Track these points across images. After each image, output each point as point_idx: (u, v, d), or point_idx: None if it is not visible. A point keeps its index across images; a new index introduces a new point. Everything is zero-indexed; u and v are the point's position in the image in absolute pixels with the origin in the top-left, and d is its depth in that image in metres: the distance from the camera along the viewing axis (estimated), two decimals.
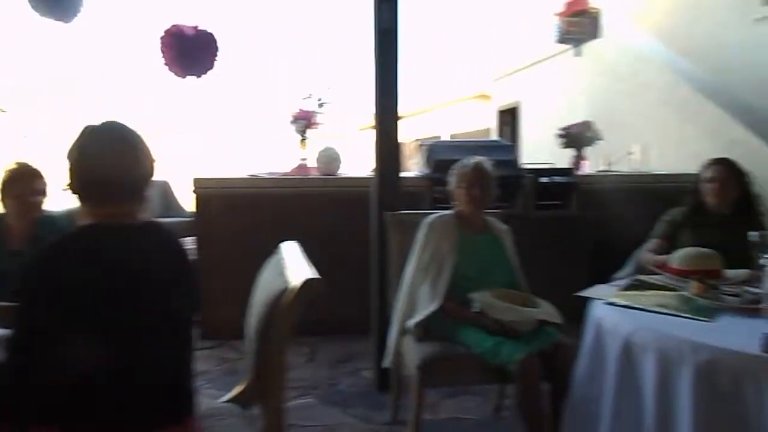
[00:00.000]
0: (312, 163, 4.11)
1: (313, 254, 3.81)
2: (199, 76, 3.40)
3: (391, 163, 2.79)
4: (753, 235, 2.00)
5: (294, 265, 1.37)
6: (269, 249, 3.79)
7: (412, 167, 4.30)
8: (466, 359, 2.03)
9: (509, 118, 9.48)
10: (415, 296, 2.27)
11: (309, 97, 3.99)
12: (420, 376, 2.00)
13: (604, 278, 3.16)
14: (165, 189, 4.53)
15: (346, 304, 3.57)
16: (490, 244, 2.36)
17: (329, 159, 4.01)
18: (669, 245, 2.54)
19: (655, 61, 5.09)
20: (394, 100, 2.82)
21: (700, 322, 1.60)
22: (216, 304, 3.69)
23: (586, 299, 1.92)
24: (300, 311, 1.36)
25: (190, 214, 3.95)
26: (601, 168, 4.70)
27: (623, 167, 4.85)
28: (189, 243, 4.31)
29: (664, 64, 4.97)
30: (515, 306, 2.02)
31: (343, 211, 3.65)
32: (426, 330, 2.20)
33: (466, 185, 2.32)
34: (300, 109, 4.03)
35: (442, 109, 15.24)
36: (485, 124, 11.19)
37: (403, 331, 2.26)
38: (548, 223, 4.00)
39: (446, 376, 2.05)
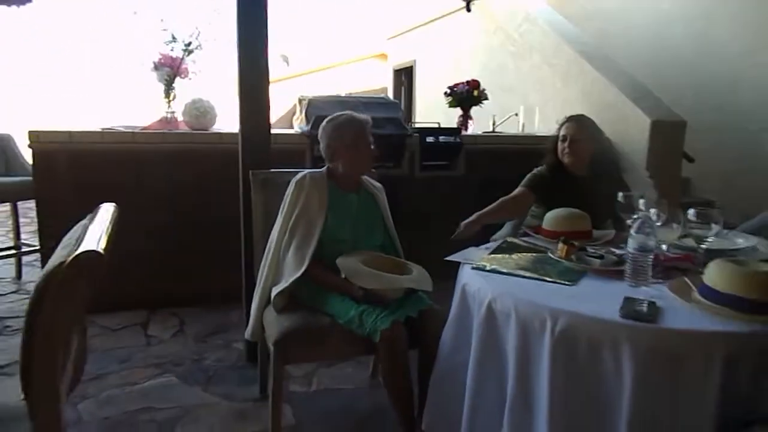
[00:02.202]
0: (182, 116, 3.69)
1: (177, 219, 3.51)
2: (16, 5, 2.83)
3: (258, 117, 2.50)
4: (620, 196, 1.98)
5: (91, 233, 1.09)
6: (126, 213, 3.41)
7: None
8: (330, 331, 1.86)
9: (405, 77, 9.35)
10: (281, 262, 2.05)
11: (173, 41, 3.54)
12: (277, 353, 1.80)
13: (489, 235, 3.14)
14: (7, 143, 3.89)
15: (218, 272, 3.30)
16: (364, 205, 2.18)
17: (199, 112, 3.61)
18: (535, 197, 2.51)
19: (541, 22, 5.11)
20: (260, 50, 2.51)
21: (561, 286, 1.54)
22: None
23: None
24: (88, 291, 1.08)
25: None
26: (488, 129, 4.69)
27: (509, 128, 4.89)
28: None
29: (550, 27, 5.00)
30: (381, 272, 1.86)
31: (214, 170, 3.32)
32: (292, 299, 2.00)
33: (359, 147, 2.08)
34: (163, 55, 3.57)
35: (341, 68, 14.91)
36: (383, 83, 11.03)
37: (268, 301, 2.04)
38: (434, 183, 3.93)
39: (308, 351, 1.88)
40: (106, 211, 1.32)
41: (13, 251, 4.01)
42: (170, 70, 3.59)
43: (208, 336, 3.07)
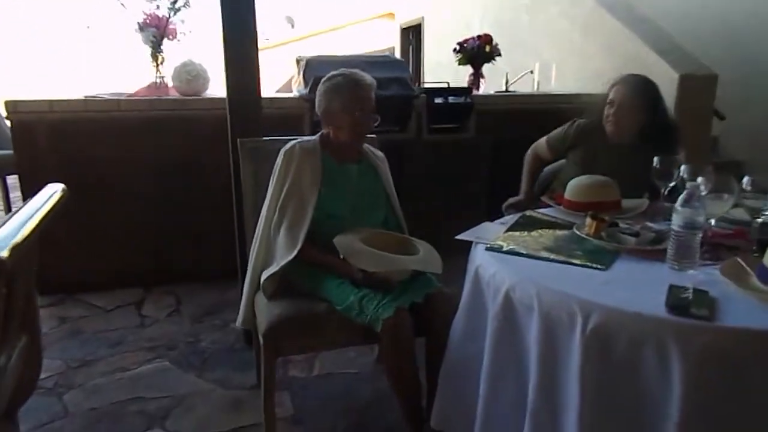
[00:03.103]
0: (172, 81, 3.45)
1: (170, 191, 3.30)
2: None
3: (246, 80, 2.25)
4: (656, 160, 1.74)
5: (14, 220, 0.88)
6: (114, 185, 3.21)
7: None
8: (326, 319, 1.66)
9: (413, 36, 8.94)
10: (272, 242, 1.84)
11: None
12: (267, 344, 1.61)
13: (501, 207, 2.92)
14: None
15: (215, 246, 3.11)
16: (363, 176, 1.94)
17: (190, 76, 3.36)
18: (553, 159, 2.28)
19: None
20: (246, 5, 2.24)
21: (592, 270, 1.31)
22: (51, 252, 3.08)
23: None
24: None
25: None
26: (501, 88, 4.39)
27: (523, 87, 4.58)
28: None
29: None
30: (384, 253, 1.64)
31: (206, 138, 3.09)
32: (285, 284, 1.80)
33: (360, 110, 1.81)
34: (148, 14, 3.30)
35: (347, 29, 14.45)
36: (391, 44, 10.61)
37: (259, 285, 1.84)
38: (442, 146, 3.67)
39: (301, 342, 1.68)
40: (46, 195, 1.10)
41: None
42: (156, 31, 3.33)
43: (205, 316, 2.90)
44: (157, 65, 3.43)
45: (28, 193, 3.06)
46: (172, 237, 3.27)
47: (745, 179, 1.44)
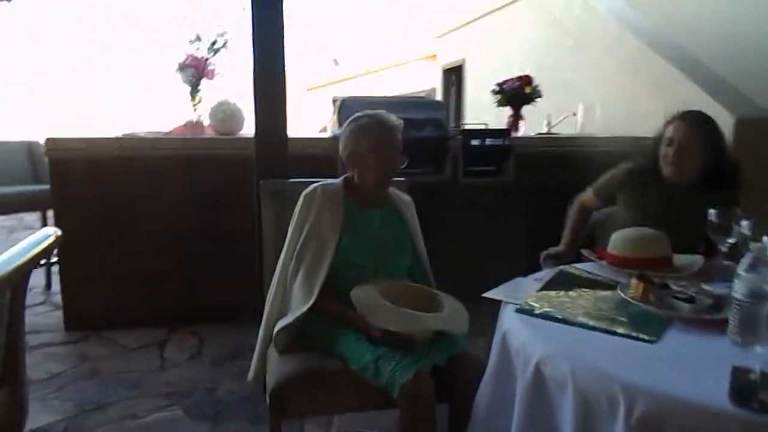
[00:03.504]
0: (208, 120, 3.46)
1: (200, 229, 3.27)
2: None
3: (274, 119, 2.20)
4: (712, 213, 1.56)
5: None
6: (144, 222, 3.20)
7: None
8: (339, 378, 1.52)
9: (454, 76, 8.94)
10: (288, 290, 1.73)
11: (198, 40, 3.31)
12: (273, 405, 1.48)
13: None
14: (33, 150, 3.79)
15: (243, 286, 3.03)
16: (388, 222, 1.82)
17: (225, 115, 3.37)
18: (603, 205, 2.10)
19: (602, 10, 4.61)
20: (277, 43, 2.21)
21: (638, 342, 1.13)
22: (81, 288, 3.09)
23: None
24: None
25: None
26: (542, 130, 4.24)
27: (565, 129, 4.42)
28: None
29: (612, 14, 4.50)
30: (404, 310, 1.50)
31: (239, 178, 3.05)
32: (300, 337, 1.67)
33: (389, 153, 1.72)
34: (188, 55, 3.35)
35: (390, 70, 14.69)
36: (432, 84, 10.66)
37: (272, 337, 1.72)
38: (479, 191, 3.53)
39: (311, 403, 1.53)
40: (36, 239, 1.03)
41: (42, 261, 3.88)
42: (195, 71, 3.37)
43: (226, 360, 2.80)
44: (195, 104, 3.46)
45: (61, 227, 3.08)
46: (200, 276, 3.23)
47: None
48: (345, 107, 3.36)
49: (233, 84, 3.78)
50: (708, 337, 1.16)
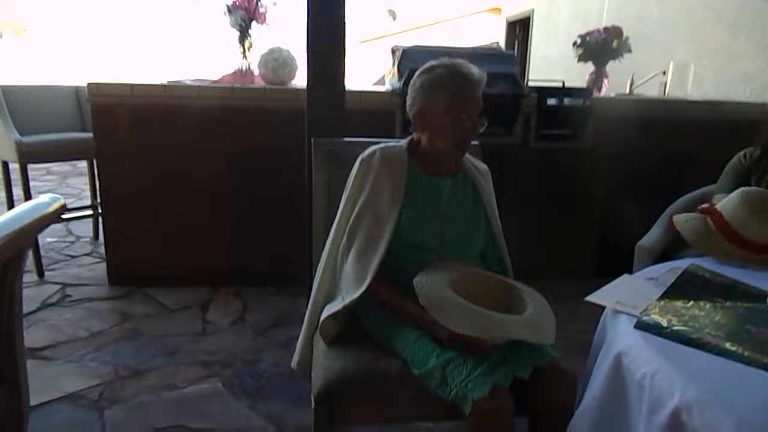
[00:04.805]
0: (258, 69, 3.20)
1: (248, 186, 3.03)
2: None
3: (330, 67, 1.91)
4: None
5: None
6: (190, 176, 3.01)
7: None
8: (399, 385, 1.27)
9: (520, 30, 8.33)
10: (338, 272, 1.48)
11: None
12: (318, 411, 1.25)
13: (622, 236, 2.38)
14: (80, 96, 3.63)
15: (291, 248, 2.84)
16: (460, 194, 1.52)
17: (276, 64, 3.09)
18: None
19: None
20: None
21: None
22: (124, 242, 2.97)
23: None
24: None
25: None
26: (625, 91, 3.77)
27: (649, 91, 3.92)
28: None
29: None
30: (480, 310, 1.22)
31: (289, 132, 2.79)
32: (352, 326, 1.43)
33: (470, 115, 1.42)
34: None
35: (451, 23, 14.01)
36: (495, 38, 10.03)
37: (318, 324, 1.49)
38: (553, 156, 3.16)
39: (364, 412, 1.30)
40: (25, 210, 0.80)
41: (90, 211, 3.81)
42: (245, 14, 3.09)
43: (270, 328, 2.62)
44: (245, 51, 3.20)
45: (105, 178, 2.93)
46: (247, 235, 3.04)
47: None
48: (406, 58, 3.02)
49: (286, 31, 3.49)
50: None
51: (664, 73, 3.77)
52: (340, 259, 1.48)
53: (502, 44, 8.90)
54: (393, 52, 3.29)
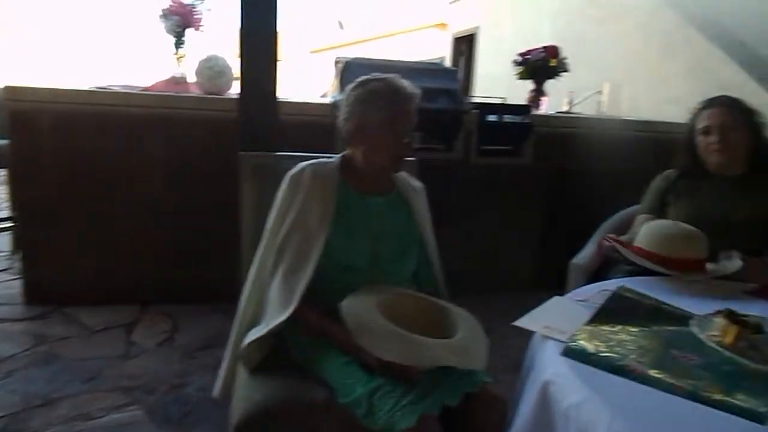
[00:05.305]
0: (194, 77, 3.08)
1: (179, 199, 2.87)
2: None
3: (261, 82, 1.83)
4: None
5: None
6: (118, 188, 2.84)
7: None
8: (324, 413, 1.20)
9: (465, 46, 8.48)
10: (265, 293, 1.40)
11: None
12: None
13: (560, 251, 2.40)
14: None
15: (224, 265, 2.71)
16: (392, 213, 1.47)
17: (213, 73, 2.98)
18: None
19: None
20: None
21: (743, 421, 0.80)
22: (42, 257, 2.76)
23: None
24: None
25: None
26: (563, 108, 3.87)
27: (586, 109, 4.04)
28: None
29: None
30: (407, 334, 1.16)
31: (222, 144, 2.69)
32: (278, 352, 1.35)
33: (403, 127, 1.38)
34: (173, 1, 2.94)
35: (398, 37, 14.14)
36: (441, 53, 10.18)
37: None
38: (494, 172, 3.18)
39: None
40: None
41: (9, 223, 3.54)
42: (180, 20, 2.97)
43: (200, 349, 2.48)
44: (179, 58, 3.07)
45: (22, 189, 2.73)
46: (178, 251, 2.89)
47: None
48: (348, 70, 2.98)
49: (223, 40, 3.39)
50: None
51: (600, 92, 3.89)
52: (267, 280, 1.39)
53: (448, 60, 9.04)
54: (336, 63, 3.24)
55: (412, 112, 1.40)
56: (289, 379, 1.27)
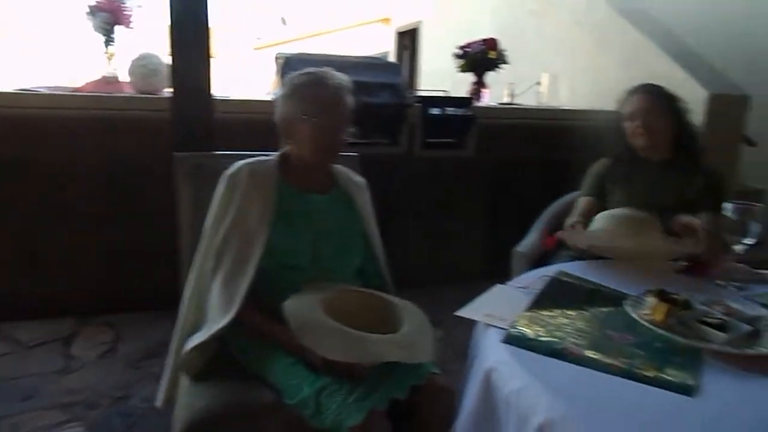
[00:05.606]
0: (127, 77, 2.96)
1: (116, 205, 2.77)
2: None
3: (194, 78, 1.77)
4: (728, 208, 1.30)
5: None
6: (50, 195, 2.67)
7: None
8: (270, 417, 1.17)
9: (409, 41, 8.51)
10: (206, 297, 1.36)
11: None
12: None
13: (505, 240, 2.44)
14: None
15: (165, 273, 2.61)
16: (334, 210, 1.46)
17: (147, 71, 2.87)
18: (602, 207, 1.84)
19: None
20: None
21: (673, 395, 0.84)
22: None
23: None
24: None
25: None
26: (504, 100, 3.94)
27: (527, 100, 4.13)
28: None
29: None
30: (352, 332, 1.15)
31: (159, 145, 2.57)
32: (219, 359, 1.31)
33: (328, 121, 1.36)
34: None
35: (342, 33, 14.05)
36: (385, 48, 10.19)
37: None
38: (439, 164, 3.21)
39: None
40: None
41: None
42: (109, 16, 2.84)
43: (144, 359, 2.40)
44: (109, 57, 2.94)
45: None
46: (116, 257, 2.77)
47: None
48: (289, 66, 2.93)
49: (157, 37, 3.27)
50: (754, 384, 0.88)
51: (539, 84, 3.98)
52: (207, 284, 1.35)
53: (392, 54, 9.06)
54: (277, 59, 3.19)
55: (337, 105, 1.38)
56: (233, 384, 1.24)
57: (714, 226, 1.50)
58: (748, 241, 1.29)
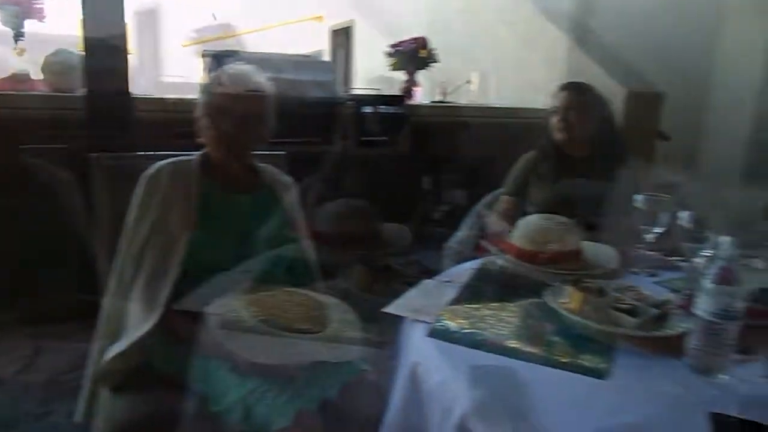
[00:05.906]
0: (39, 73, 2.78)
1: (29, 206, 2.63)
2: None
3: (110, 73, 1.69)
4: (638, 199, 1.37)
5: None
6: None
7: None
8: (195, 426, 1.13)
9: (343, 39, 8.48)
10: (125, 303, 1.30)
11: None
12: None
13: (437, 237, 2.48)
14: None
15: (82, 278, 2.47)
16: (260, 210, 1.43)
17: (63, 68, 2.71)
18: (522, 205, 1.90)
19: None
20: None
21: (587, 378, 0.88)
22: None
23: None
24: None
25: None
26: (436, 98, 4.00)
27: (460, 98, 4.22)
28: None
29: None
30: (275, 331, 1.13)
31: (76, 144, 2.45)
32: (141, 367, 1.26)
33: (226, 118, 1.35)
34: None
35: (275, 30, 13.82)
36: (320, 47, 10.11)
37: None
38: (370, 162, 3.21)
39: None
40: None
41: None
42: (18, 9, 2.66)
43: (66, 372, 2.26)
44: (19, 53, 2.76)
45: None
46: (37, 265, 2.60)
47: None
48: (216, 63, 2.85)
49: (73, 32, 3.10)
50: (660, 364, 0.93)
51: (469, 82, 4.07)
52: (127, 290, 1.29)
53: (327, 53, 9.00)
54: (203, 56, 3.10)
55: (243, 100, 1.36)
56: (155, 393, 1.19)
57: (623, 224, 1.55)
58: (658, 230, 1.36)
